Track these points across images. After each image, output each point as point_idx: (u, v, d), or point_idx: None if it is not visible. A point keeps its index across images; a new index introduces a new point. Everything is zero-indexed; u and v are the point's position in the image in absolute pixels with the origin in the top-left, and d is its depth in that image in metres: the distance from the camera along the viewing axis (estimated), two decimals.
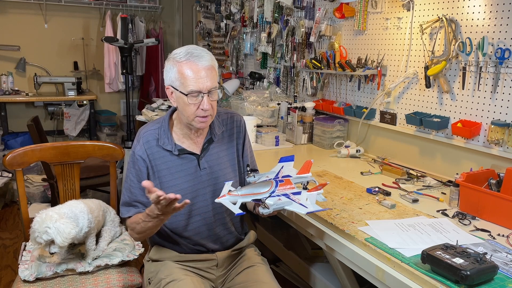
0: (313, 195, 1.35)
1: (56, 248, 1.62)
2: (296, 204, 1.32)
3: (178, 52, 1.46)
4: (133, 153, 1.55)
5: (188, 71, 1.42)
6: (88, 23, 5.17)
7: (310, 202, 1.33)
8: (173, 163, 1.54)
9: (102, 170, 3.29)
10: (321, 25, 2.85)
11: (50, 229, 1.59)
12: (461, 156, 2.03)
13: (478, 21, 1.90)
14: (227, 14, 4.26)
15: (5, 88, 4.58)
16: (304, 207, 1.31)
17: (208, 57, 1.45)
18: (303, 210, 1.31)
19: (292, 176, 1.42)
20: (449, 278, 1.14)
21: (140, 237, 1.52)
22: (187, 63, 1.43)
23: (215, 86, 1.46)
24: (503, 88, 1.82)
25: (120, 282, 1.74)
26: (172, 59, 1.46)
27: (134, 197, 1.54)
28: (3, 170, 3.87)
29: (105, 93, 5.32)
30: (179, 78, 1.44)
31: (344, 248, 1.43)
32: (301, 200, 1.33)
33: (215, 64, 1.48)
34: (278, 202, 1.31)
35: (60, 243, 1.60)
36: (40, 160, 2.01)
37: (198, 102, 1.44)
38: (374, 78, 2.48)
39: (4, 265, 2.95)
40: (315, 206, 1.33)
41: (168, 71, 1.47)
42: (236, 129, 1.66)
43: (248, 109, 2.94)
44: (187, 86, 1.42)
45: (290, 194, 1.35)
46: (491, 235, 1.46)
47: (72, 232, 1.63)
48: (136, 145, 1.55)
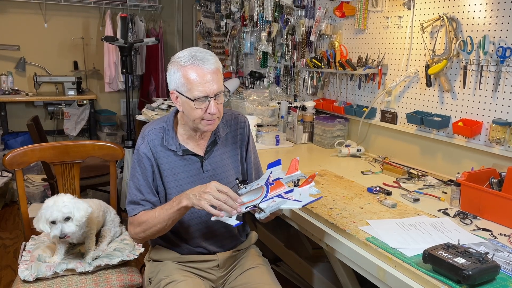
0: (306, 189, 1.36)
1: (71, 227, 1.62)
2: (291, 201, 1.32)
3: (182, 55, 1.42)
4: (137, 151, 1.53)
5: (194, 75, 1.39)
6: (88, 23, 5.16)
7: (304, 196, 1.34)
8: (176, 164, 1.53)
9: (102, 169, 3.29)
10: (322, 24, 2.84)
11: (68, 206, 1.62)
12: (462, 155, 2.03)
13: (479, 19, 1.90)
14: (227, 13, 4.25)
15: (5, 87, 4.58)
16: (298, 202, 1.31)
17: (212, 60, 1.42)
18: (298, 205, 1.31)
19: (282, 178, 1.42)
20: (450, 278, 1.13)
21: (146, 234, 1.48)
22: (192, 67, 1.39)
23: (221, 89, 1.44)
24: (504, 87, 1.82)
25: (120, 282, 1.73)
26: (175, 63, 1.43)
27: (142, 195, 1.51)
28: (3, 170, 3.87)
29: (105, 93, 5.31)
30: (184, 83, 1.41)
31: (345, 247, 1.42)
32: (295, 197, 1.33)
33: (220, 66, 1.45)
34: (272, 204, 1.30)
35: (79, 218, 1.63)
36: (40, 159, 2.01)
37: (205, 106, 1.41)
38: (375, 77, 2.47)
39: (4, 265, 2.94)
40: (309, 198, 1.33)
41: (172, 76, 1.44)
42: (240, 130, 1.65)
43: (248, 109, 2.94)
44: (193, 92, 1.40)
45: (282, 194, 1.35)
46: (492, 234, 1.45)
47: (89, 210, 1.67)
48: (140, 143, 1.53)
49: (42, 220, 1.63)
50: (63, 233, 1.61)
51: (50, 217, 1.61)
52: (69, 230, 1.62)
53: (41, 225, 1.63)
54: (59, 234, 1.61)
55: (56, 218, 1.61)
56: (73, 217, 1.62)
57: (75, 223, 1.63)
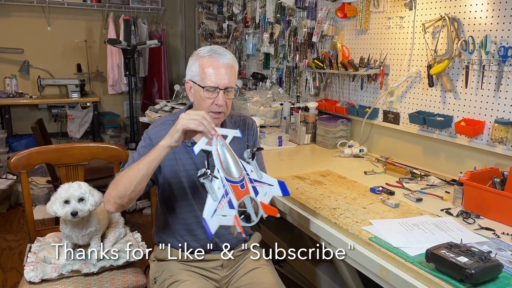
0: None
1: (84, 207, 1.67)
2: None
3: (203, 49, 1.53)
4: (146, 133, 1.59)
5: (209, 66, 1.48)
6: (91, 26, 5.18)
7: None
8: (184, 155, 1.57)
9: (106, 171, 3.30)
10: (323, 25, 2.85)
11: (83, 188, 1.69)
12: (465, 155, 2.03)
13: (481, 19, 1.90)
14: (229, 15, 4.26)
15: (9, 90, 4.60)
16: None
17: (230, 57, 1.51)
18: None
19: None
20: (453, 277, 1.13)
21: (116, 194, 1.42)
22: (209, 58, 1.49)
23: (232, 85, 1.51)
24: (507, 87, 1.82)
25: (124, 283, 1.75)
26: (195, 55, 1.53)
27: None
28: (8, 173, 3.90)
29: (108, 95, 5.33)
30: (199, 72, 1.49)
31: (348, 247, 1.43)
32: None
33: (235, 65, 1.54)
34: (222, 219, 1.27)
35: (93, 203, 1.69)
36: (44, 162, 2.02)
37: (213, 97, 1.48)
38: (377, 78, 2.48)
39: (10, 267, 2.96)
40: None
41: (190, 66, 1.53)
42: (248, 131, 1.69)
43: (251, 110, 2.95)
44: (205, 80, 1.48)
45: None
46: (495, 233, 1.46)
47: (102, 199, 1.69)
48: (151, 129, 1.59)
49: (56, 202, 1.67)
50: (75, 210, 1.65)
51: (65, 195, 1.67)
52: (82, 208, 1.67)
53: (54, 207, 1.67)
54: (71, 211, 1.65)
55: (71, 196, 1.66)
56: (87, 200, 1.69)
57: (88, 206, 1.68)
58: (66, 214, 1.66)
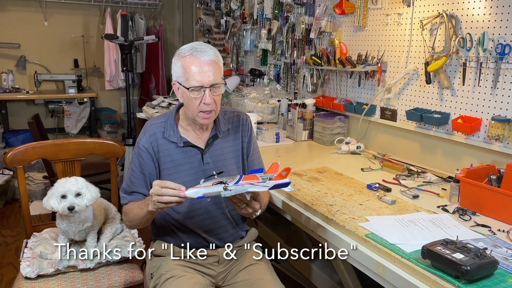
0: (279, 186, 1.36)
1: (81, 202, 1.67)
2: (260, 186, 1.33)
3: (184, 47, 1.50)
4: (137, 145, 1.59)
5: (191, 65, 1.46)
6: (88, 21, 5.16)
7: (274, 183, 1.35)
8: (177, 156, 1.57)
9: (102, 167, 3.29)
10: (321, 21, 2.85)
11: (80, 184, 1.69)
12: (462, 152, 2.03)
13: (478, 16, 1.90)
14: (227, 11, 4.25)
15: (6, 86, 4.58)
16: (266, 186, 1.33)
17: (211, 52, 1.48)
18: (265, 188, 1.33)
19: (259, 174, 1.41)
20: (449, 273, 1.14)
21: (131, 225, 1.60)
22: (190, 58, 1.46)
23: (217, 81, 1.48)
24: (504, 84, 1.82)
25: (121, 279, 1.75)
26: (177, 55, 1.50)
27: (134, 186, 1.58)
28: (4, 168, 3.88)
29: (105, 91, 5.32)
30: (183, 73, 1.47)
31: (344, 243, 1.43)
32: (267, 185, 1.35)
33: (218, 60, 1.51)
34: (239, 188, 1.30)
35: (90, 198, 1.70)
36: (41, 157, 2.02)
37: (200, 96, 1.47)
38: (375, 74, 2.48)
39: (6, 262, 2.96)
40: (278, 182, 1.34)
41: (174, 67, 1.51)
42: (242, 127, 1.68)
43: (249, 106, 2.94)
44: (189, 80, 1.46)
45: (254, 183, 1.34)
46: (491, 230, 1.46)
47: (98, 195, 1.74)
48: (142, 137, 1.59)
49: (53, 197, 1.67)
50: (72, 205, 1.66)
51: (62, 190, 1.67)
52: (78, 203, 1.67)
53: (51, 202, 1.67)
54: (68, 205, 1.65)
55: (68, 191, 1.67)
56: (84, 195, 1.69)
57: (85, 201, 1.68)
58: (63, 209, 1.66)
